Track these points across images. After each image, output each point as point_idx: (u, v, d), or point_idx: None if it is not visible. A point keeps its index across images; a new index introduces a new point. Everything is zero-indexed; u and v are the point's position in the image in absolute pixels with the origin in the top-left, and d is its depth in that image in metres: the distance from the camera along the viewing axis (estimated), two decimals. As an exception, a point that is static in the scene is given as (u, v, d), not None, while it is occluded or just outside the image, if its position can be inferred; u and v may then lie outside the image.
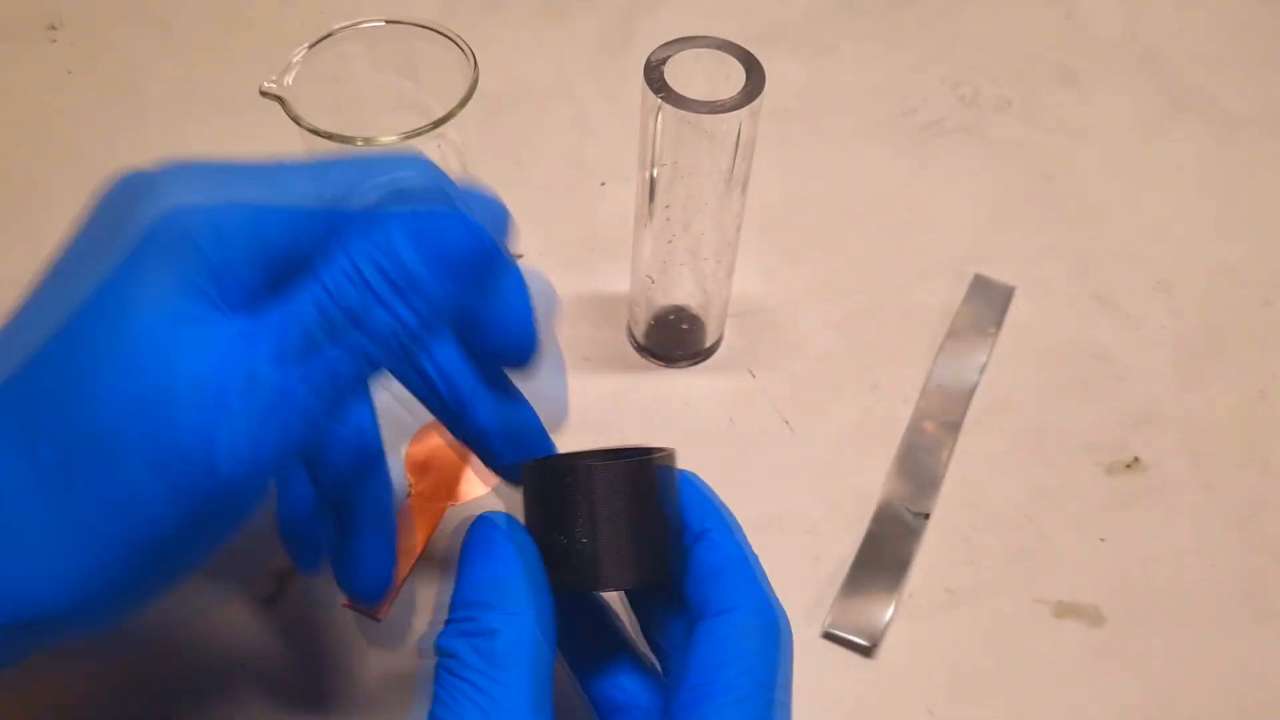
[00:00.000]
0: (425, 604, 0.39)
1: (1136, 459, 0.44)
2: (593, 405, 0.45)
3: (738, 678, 0.28)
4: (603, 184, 0.54)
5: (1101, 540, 0.42)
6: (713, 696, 0.27)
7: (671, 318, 0.46)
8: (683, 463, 0.44)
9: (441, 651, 0.28)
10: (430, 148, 0.45)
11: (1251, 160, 0.56)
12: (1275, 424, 0.46)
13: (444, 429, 0.37)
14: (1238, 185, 0.55)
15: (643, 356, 0.47)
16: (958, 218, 0.53)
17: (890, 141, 0.57)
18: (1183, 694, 0.38)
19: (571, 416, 0.45)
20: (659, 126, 0.37)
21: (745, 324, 0.48)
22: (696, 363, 0.47)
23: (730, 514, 0.32)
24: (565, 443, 0.44)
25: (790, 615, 0.40)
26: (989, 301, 0.49)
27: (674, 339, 0.46)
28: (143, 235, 0.24)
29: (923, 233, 0.52)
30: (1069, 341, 0.48)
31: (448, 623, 0.28)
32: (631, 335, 0.47)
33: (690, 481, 0.32)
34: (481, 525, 0.29)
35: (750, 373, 0.47)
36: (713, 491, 0.32)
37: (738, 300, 0.48)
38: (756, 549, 0.41)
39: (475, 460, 0.43)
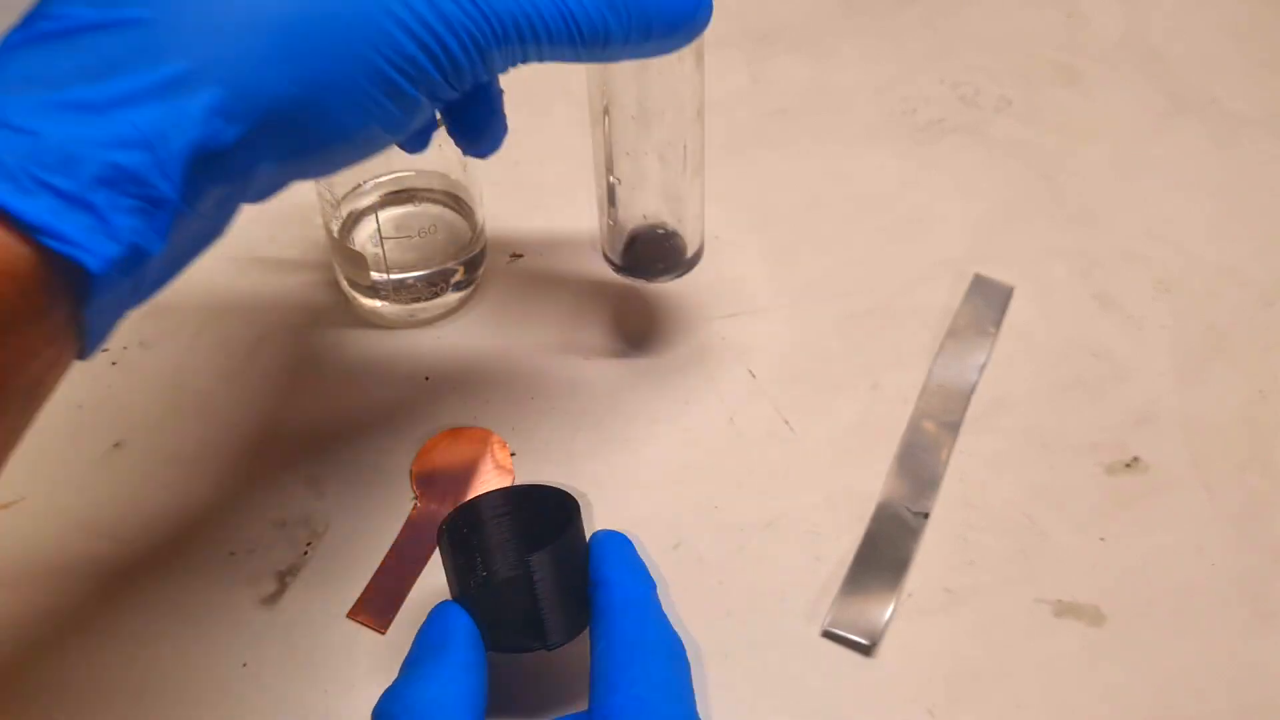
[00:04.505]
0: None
1: (1137, 459, 0.44)
2: (592, 404, 0.45)
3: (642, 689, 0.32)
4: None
5: (1101, 540, 0.42)
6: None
7: (648, 233, 0.46)
8: (683, 461, 0.44)
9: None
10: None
11: (1253, 161, 0.56)
12: (1276, 424, 0.46)
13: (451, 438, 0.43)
14: (1239, 186, 0.55)
15: (622, 276, 0.47)
16: (957, 217, 0.53)
17: (890, 141, 0.57)
18: (1183, 694, 0.38)
19: (572, 414, 0.45)
20: None
21: (745, 323, 0.48)
22: (679, 275, 0.47)
23: (636, 559, 0.37)
24: (572, 436, 0.44)
25: (790, 614, 0.40)
26: (989, 301, 0.49)
27: (654, 252, 0.47)
28: None
29: (922, 232, 0.52)
30: (1069, 341, 0.48)
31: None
32: (606, 258, 0.47)
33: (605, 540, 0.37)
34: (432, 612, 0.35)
35: (750, 373, 0.47)
36: (623, 541, 0.37)
37: (738, 300, 0.48)
38: (757, 549, 0.42)
39: (481, 473, 0.43)
